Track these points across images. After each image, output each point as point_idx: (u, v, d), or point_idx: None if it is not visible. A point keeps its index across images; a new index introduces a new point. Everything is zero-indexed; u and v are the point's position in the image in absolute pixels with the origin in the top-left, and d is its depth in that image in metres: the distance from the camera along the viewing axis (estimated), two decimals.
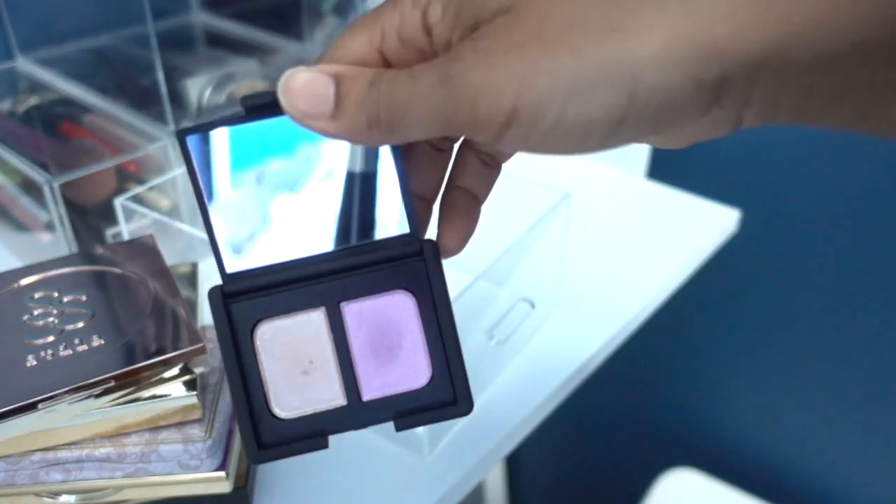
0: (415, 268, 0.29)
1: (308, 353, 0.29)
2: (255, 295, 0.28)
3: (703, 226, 0.67)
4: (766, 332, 0.83)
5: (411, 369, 0.29)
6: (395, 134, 0.24)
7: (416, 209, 0.29)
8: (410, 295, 0.29)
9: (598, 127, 0.21)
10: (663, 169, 0.74)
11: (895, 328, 0.73)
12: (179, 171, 0.57)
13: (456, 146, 0.30)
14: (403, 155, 0.28)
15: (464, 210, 0.29)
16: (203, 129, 0.27)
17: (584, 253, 0.63)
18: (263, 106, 0.26)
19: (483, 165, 0.29)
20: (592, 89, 0.21)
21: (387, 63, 0.26)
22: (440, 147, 0.29)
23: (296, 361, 0.28)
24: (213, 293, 0.28)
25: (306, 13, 0.75)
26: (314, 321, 0.29)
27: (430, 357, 0.29)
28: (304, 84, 0.24)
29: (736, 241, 0.70)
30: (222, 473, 0.39)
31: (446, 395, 0.28)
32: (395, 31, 0.25)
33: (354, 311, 0.29)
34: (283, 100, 0.24)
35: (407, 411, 0.28)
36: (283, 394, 0.28)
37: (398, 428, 0.28)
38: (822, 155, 0.71)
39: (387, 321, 0.29)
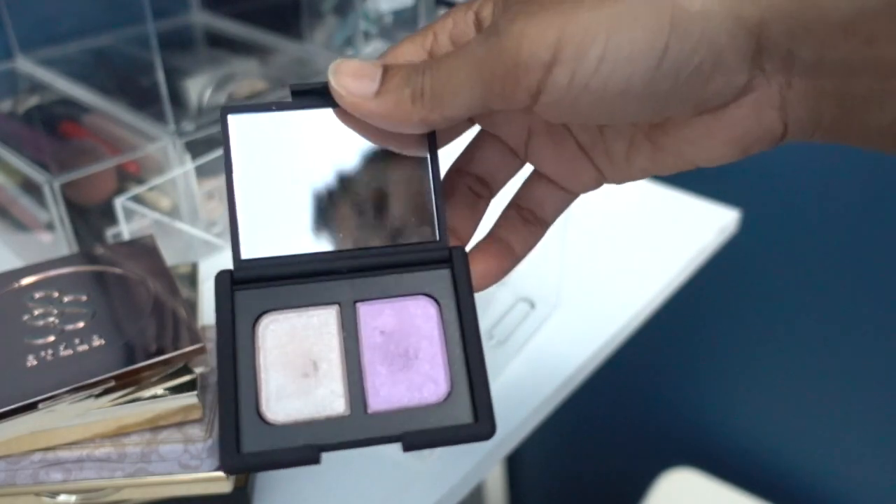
0: (440, 275, 0.27)
1: (313, 353, 0.26)
2: (264, 285, 0.27)
3: (703, 226, 0.67)
4: (766, 332, 0.83)
5: (426, 382, 0.26)
6: (439, 106, 0.24)
7: (447, 218, 0.28)
8: (433, 301, 0.27)
9: (643, 60, 0.22)
10: None
11: (895, 328, 0.73)
12: (179, 171, 0.57)
13: (495, 199, 0.30)
14: (438, 161, 0.28)
15: (493, 255, 0.29)
16: (247, 111, 0.27)
17: (584, 253, 0.63)
18: (310, 92, 0.26)
19: (524, 222, 0.30)
20: (635, 18, 0.21)
21: None
22: (479, 193, 0.29)
23: (297, 361, 0.26)
24: (221, 277, 0.26)
25: (306, 13, 0.75)
26: (325, 319, 0.27)
27: (448, 370, 0.26)
28: (353, 66, 0.25)
29: (736, 241, 0.70)
30: (223, 473, 0.39)
31: (465, 413, 0.25)
32: (448, 33, 0.26)
33: (370, 313, 0.27)
34: (331, 79, 0.25)
35: (418, 429, 0.25)
36: (277, 396, 0.25)
37: (406, 448, 0.24)
38: (822, 155, 0.71)
39: (404, 327, 0.27)
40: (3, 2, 0.67)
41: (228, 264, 0.27)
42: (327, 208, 0.27)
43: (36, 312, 0.39)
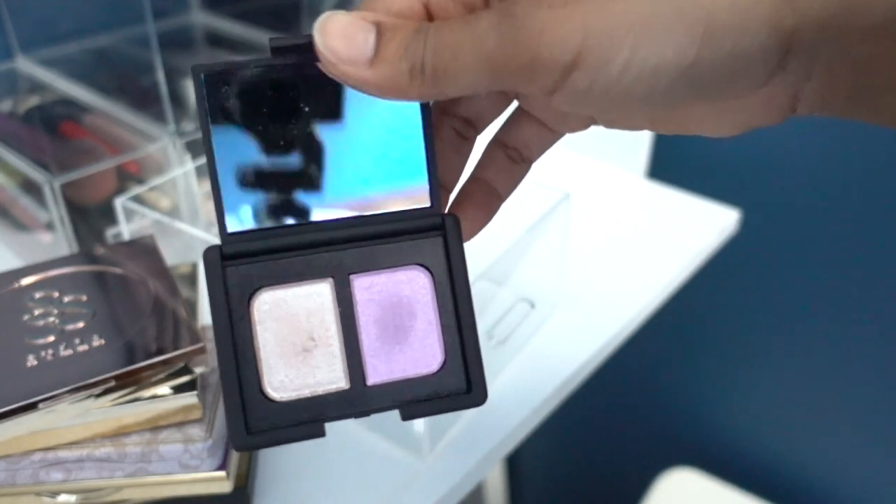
0: (433, 243, 0.27)
1: (310, 328, 0.26)
2: (255, 259, 0.26)
3: (703, 226, 0.67)
4: (765, 332, 0.83)
5: (422, 353, 0.26)
6: (440, 85, 0.22)
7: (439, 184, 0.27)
8: (426, 272, 0.27)
9: (669, 71, 0.20)
10: (663, 169, 0.74)
11: (895, 328, 0.73)
12: (179, 171, 0.57)
13: (480, 137, 0.29)
14: (432, 124, 0.26)
15: (479, 201, 0.28)
16: (222, 69, 0.25)
17: (584, 253, 0.63)
18: (292, 48, 0.24)
19: (509, 161, 0.29)
20: (665, 28, 0.20)
21: (431, 19, 0.25)
22: (464, 135, 0.28)
23: (295, 337, 0.26)
24: (210, 253, 0.25)
25: (306, 13, 0.75)
26: (320, 293, 0.26)
27: (443, 341, 0.26)
28: (343, 26, 0.22)
29: (736, 241, 0.70)
30: (223, 473, 0.39)
31: (459, 382, 0.26)
32: None
33: (364, 285, 0.26)
34: (318, 40, 0.23)
35: (415, 399, 0.26)
36: (278, 373, 0.25)
37: (404, 417, 0.25)
38: (822, 155, 0.71)
39: (399, 298, 0.26)
40: (3, 2, 0.67)
41: None
42: (315, 174, 0.26)
43: (36, 312, 0.39)
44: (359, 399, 0.26)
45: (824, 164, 0.71)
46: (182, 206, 0.58)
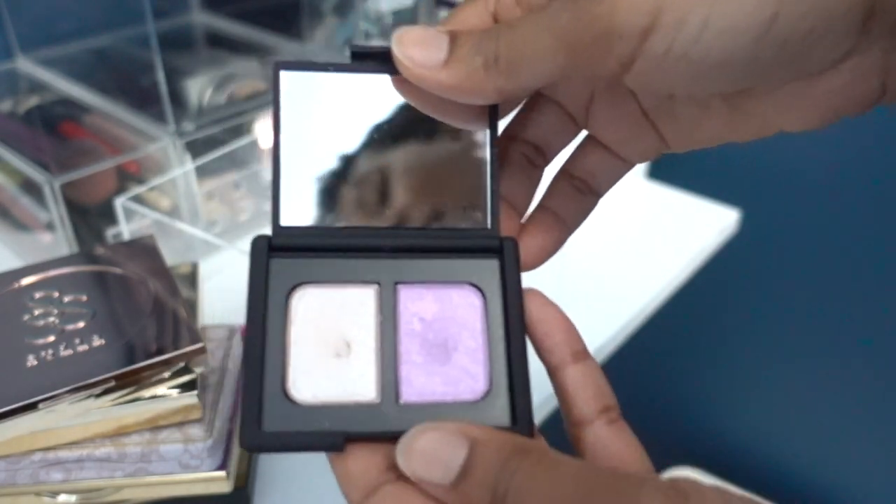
0: (489, 265, 0.26)
1: (347, 332, 0.24)
2: (302, 255, 0.25)
3: (703, 226, 0.67)
4: (766, 331, 0.83)
5: (465, 377, 0.24)
6: (515, 74, 0.22)
7: (501, 208, 0.27)
8: (478, 292, 0.26)
9: (749, 29, 0.20)
10: (663, 169, 0.74)
11: (895, 328, 0.73)
12: (179, 171, 0.57)
13: (548, 168, 0.29)
14: (498, 147, 0.26)
15: (545, 227, 0.28)
16: (301, 68, 0.25)
17: (584, 253, 0.63)
18: (371, 56, 0.25)
19: (576, 192, 0.28)
20: None
21: None
22: (534, 162, 0.28)
23: (330, 339, 0.24)
24: (258, 242, 0.25)
25: (306, 13, 0.75)
26: (363, 297, 0.25)
27: (489, 367, 0.25)
28: (418, 34, 0.23)
29: (736, 241, 0.70)
30: (223, 473, 0.39)
31: (502, 415, 0.24)
32: None
33: (411, 296, 0.25)
34: (395, 49, 0.23)
35: None
36: (305, 374, 0.24)
37: None
38: (822, 155, 0.71)
39: (446, 316, 0.25)
40: (4, 2, 0.67)
41: (229, 265, 0.26)
42: (375, 180, 0.26)
43: (36, 312, 0.39)
44: (387, 417, 0.23)
45: (824, 164, 0.71)
46: (182, 206, 0.58)
